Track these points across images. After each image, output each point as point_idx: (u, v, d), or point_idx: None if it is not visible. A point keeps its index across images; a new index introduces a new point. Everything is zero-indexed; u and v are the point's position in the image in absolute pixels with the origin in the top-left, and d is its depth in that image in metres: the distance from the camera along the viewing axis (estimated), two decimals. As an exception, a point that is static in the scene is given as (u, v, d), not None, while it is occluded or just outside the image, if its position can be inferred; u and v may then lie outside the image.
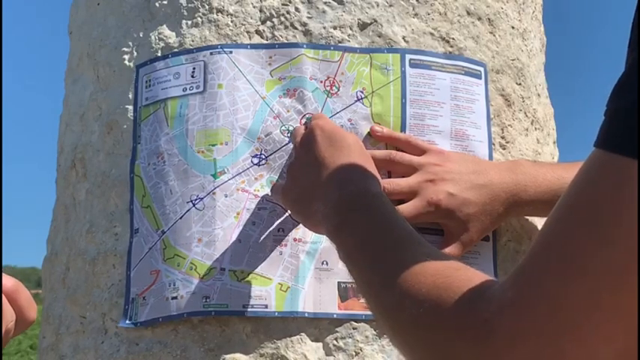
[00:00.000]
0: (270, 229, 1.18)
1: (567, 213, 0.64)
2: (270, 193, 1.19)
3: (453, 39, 1.29)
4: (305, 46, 1.24)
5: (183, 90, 1.24)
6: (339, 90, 1.23)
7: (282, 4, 1.27)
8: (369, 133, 1.21)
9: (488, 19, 1.33)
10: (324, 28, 1.26)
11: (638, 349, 0.61)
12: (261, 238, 1.17)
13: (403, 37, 1.27)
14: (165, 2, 1.31)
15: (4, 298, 0.71)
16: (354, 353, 1.16)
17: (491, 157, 1.26)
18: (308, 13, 1.26)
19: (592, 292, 0.59)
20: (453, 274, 0.73)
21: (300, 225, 1.17)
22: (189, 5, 1.29)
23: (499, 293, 0.65)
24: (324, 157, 1.06)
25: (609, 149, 0.61)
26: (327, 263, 1.17)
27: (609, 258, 0.59)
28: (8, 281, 0.72)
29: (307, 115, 1.21)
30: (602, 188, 0.61)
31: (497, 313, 0.64)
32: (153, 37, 1.30)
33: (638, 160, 0.58)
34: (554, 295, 0.61)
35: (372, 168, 1.06)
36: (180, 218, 1.19)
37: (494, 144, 1.28)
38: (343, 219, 0.96)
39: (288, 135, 1.21)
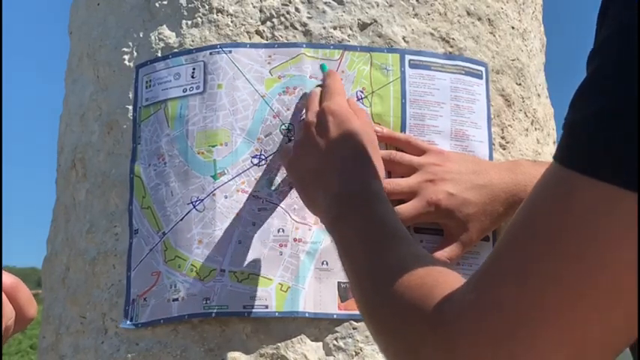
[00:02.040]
0: (271, 229, 1.18)
1: (525, 220, 0.65)
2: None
3: (453, 39, 1.29)
4: (305, 45, 1.24)
5: (183, 91, 1.24)
6: (339, 90, 1.23)
7: (282, 4, 1.27)
8: (369, 133, 1.21)
9: (488, 19, 1.33)
10: (324, 28, 1.25)
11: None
12: (262, 239, 1.17)
13: (403, 38, 1.27)
14: (165, 2, 1.31)
15: (3, 295, 0.71)
16: (354, 353, 1.16)
17: (491, 157, 1.26)
18: (308, 13, 1.26)
19: (542, 299, 0.61)
20: (430, 274, 0.75)
21: (300, 225, 1.17)
22: (189, 5, 1.29)
23: (461, 296, 0.67)
24: (331, 145, 1.06)
25: (564, 164, 0.62)
26: (327, 263, 1.17)
27: (558, 268, 0.60)
28: (8, 279, 0.72)
29: (322, 63, 1.21)
30: (556, 201, 0.62)
31: (458, 316, 0.65)
32: (153, 37, 1.30)
33: (587, 176, 0.60)
34: (507, 299, 0.62)
35: (377, 160, 1.07)
36: (181, 220, 1.19)
37: (494, 144, 1.28)
38: (340, 213, 0.97)
39: (288, 134, 1.21)
